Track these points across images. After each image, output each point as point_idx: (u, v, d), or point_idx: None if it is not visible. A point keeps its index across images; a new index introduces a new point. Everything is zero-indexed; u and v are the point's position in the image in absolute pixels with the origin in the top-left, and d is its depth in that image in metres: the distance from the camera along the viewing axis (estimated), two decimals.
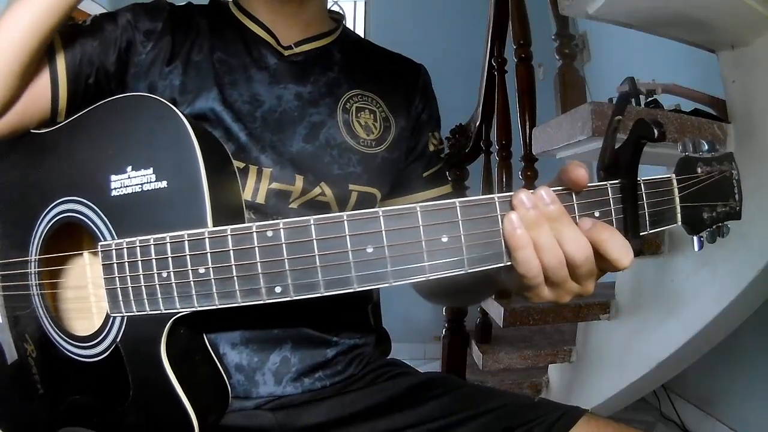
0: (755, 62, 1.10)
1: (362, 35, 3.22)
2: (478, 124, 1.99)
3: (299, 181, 0.67)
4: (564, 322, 1.54)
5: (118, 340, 0.53)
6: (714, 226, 0.50)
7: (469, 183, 2.04)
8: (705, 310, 1.22)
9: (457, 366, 1.89)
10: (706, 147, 0.50)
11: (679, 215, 0.48)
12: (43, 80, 0.60)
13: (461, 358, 1.90)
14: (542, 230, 0.43)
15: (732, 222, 0.52)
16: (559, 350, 1.66)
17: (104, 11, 0.69)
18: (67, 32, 0.62)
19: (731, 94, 1.17)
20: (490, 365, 1.63)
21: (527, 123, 1.55)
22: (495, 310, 1.50)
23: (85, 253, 0.62)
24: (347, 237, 0.44)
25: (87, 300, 0.61)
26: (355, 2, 3.36)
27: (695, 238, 0.50)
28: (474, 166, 2.07)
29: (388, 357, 0.82)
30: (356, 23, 3.36)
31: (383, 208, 0.44)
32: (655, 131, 0.43)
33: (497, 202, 0.44)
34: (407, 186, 0.79)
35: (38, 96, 0.60)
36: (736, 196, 0.51)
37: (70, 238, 0.59)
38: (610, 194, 0.46)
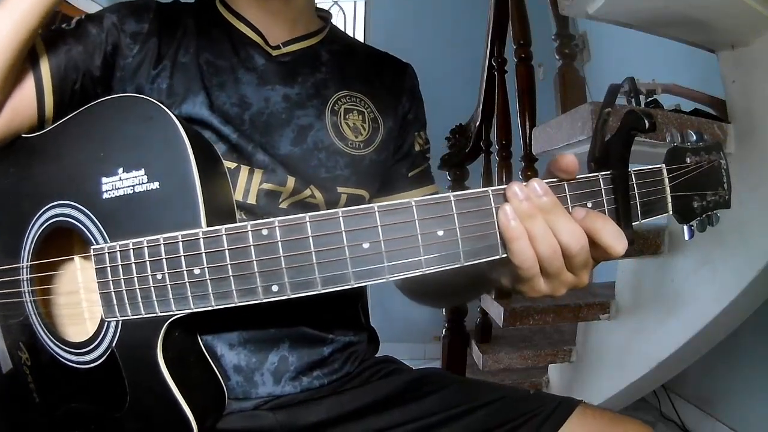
0: (755, 62, 1.10)
1: (362, 36, 3.24)
2: (478, 124, 1.99)
3: (290, 182, 0.67)
4: (564, 322, 1.53)
5: (113, 345, 0.52)
6: (704, 215, 0.51)
7: (469, 183, 2.04)
8: (705, 310, 1.22)
9: (457, 366, 1.89)
10: (695, 137, 0.51)
11: (669, 204, 0.49)
12: (28, 88, 0.59)
13: (461, 358, 1.91)
14: (536, 221, 0.44)
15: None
16: (559, 350, 1.66)
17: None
18: (51, 38, 0.61)
19: (731, 94, 1.17)
20: (490, 365, 1.64)
21: (527, 123, 1.54)
22: (495, 310, 1.50)
23: (76, 258, 0.61)
24: (343, 233, 0.44)
25: (80, 305, 0.60)
26: (355, 2, 3.36)
27: (686, 227, 0.51)
28: (474, 166, 2.07)
29: (378, 355, 0.82)
30: (356, 23, 3.35)
31: (378, 204, 0.44)
32: (646, 122, 0.43)
33: (491, 195, 0.44)
34: (392, 185, 0.79)
35: (24, 104, 0.59)
36: (725, 185, 0.52)
37: (62, 242, 0.59)
38: (601, 185, 0.46)
